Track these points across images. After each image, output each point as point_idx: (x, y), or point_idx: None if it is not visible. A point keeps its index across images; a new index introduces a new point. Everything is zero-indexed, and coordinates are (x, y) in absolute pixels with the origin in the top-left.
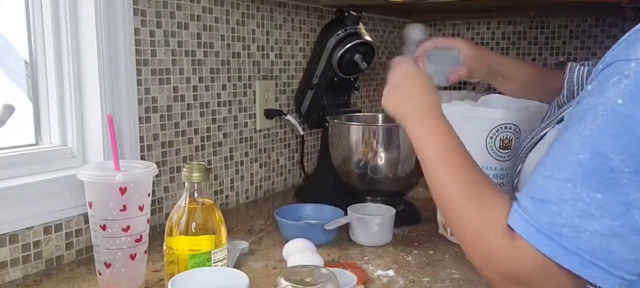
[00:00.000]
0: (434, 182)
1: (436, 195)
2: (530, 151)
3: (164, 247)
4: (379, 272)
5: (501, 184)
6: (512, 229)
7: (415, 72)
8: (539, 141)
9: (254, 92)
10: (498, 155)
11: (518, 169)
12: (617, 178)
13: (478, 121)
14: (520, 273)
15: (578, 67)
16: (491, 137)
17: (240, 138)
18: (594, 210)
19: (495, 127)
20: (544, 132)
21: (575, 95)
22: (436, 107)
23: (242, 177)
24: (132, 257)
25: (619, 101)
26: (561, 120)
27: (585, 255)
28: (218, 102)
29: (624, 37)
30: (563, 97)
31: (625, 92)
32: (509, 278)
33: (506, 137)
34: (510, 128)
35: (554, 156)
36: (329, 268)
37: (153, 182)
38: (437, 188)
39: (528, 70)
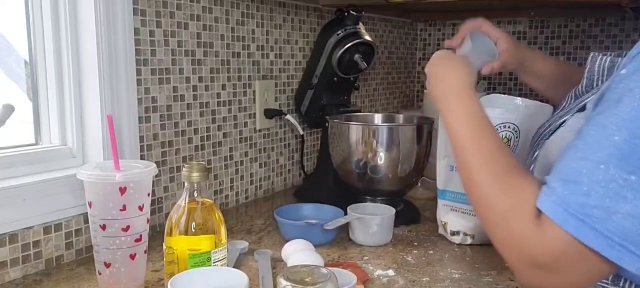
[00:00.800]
0: (462, 164)
1: (464, 177)
2: (548, 138)
3: (164, 247)
4: (379, 272)
5: None
6: (541, 212)
7: (446, 55)
8: (557, 128)
9: (254, 92)
10: None
11: (534, 156)
12: None
13: None
14: (546, 257)
15: (600, 57)
16: None
17: (240, 138)
18: (627, 192)
19: (495, 126)
20: (562, 119)
21: (596, 85)
22: (465, 86)
23: (242, 177)
24: (132, 257)
25: None
26: (583, 108)
27: (615, 237)
28: (218, 102)
29: None
30: (582, 87)
31: None
32: (534, 264)
33: (506, 137)
34: (509, 127)
35: (587, 139)
36: (329, 268)
37: (153, 182)
38: (465, 171)
39: (558, 68)
